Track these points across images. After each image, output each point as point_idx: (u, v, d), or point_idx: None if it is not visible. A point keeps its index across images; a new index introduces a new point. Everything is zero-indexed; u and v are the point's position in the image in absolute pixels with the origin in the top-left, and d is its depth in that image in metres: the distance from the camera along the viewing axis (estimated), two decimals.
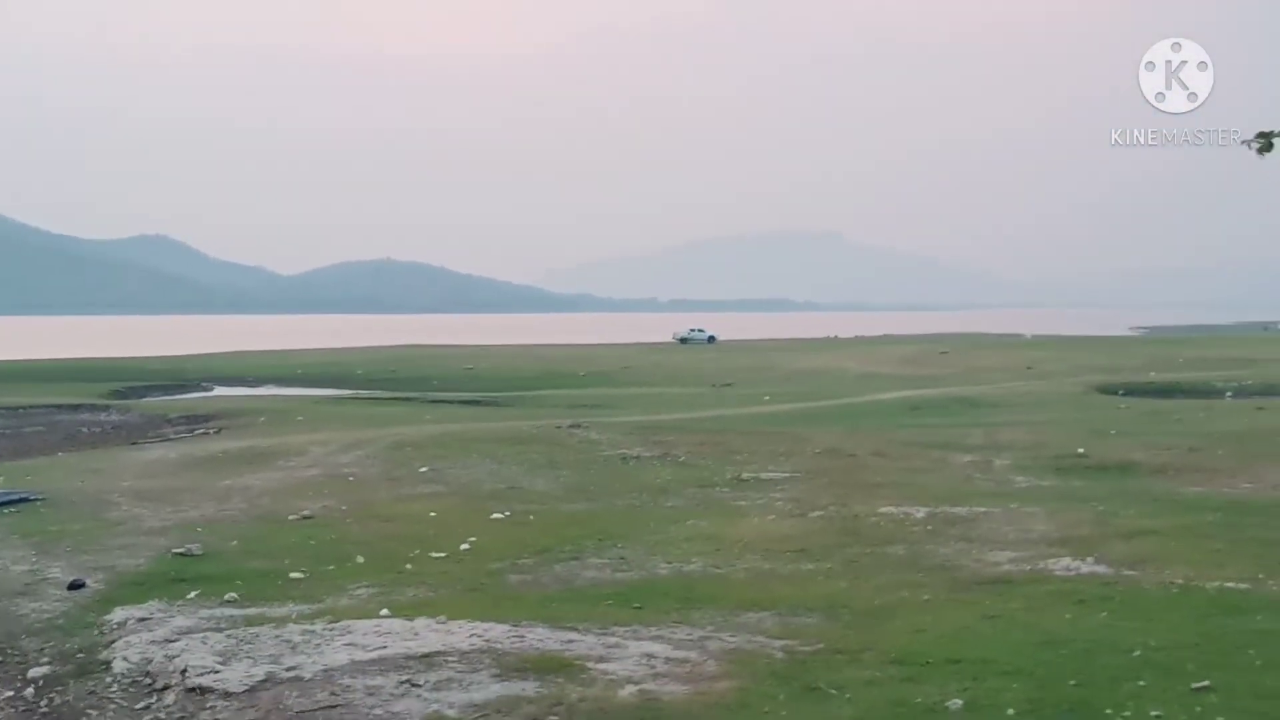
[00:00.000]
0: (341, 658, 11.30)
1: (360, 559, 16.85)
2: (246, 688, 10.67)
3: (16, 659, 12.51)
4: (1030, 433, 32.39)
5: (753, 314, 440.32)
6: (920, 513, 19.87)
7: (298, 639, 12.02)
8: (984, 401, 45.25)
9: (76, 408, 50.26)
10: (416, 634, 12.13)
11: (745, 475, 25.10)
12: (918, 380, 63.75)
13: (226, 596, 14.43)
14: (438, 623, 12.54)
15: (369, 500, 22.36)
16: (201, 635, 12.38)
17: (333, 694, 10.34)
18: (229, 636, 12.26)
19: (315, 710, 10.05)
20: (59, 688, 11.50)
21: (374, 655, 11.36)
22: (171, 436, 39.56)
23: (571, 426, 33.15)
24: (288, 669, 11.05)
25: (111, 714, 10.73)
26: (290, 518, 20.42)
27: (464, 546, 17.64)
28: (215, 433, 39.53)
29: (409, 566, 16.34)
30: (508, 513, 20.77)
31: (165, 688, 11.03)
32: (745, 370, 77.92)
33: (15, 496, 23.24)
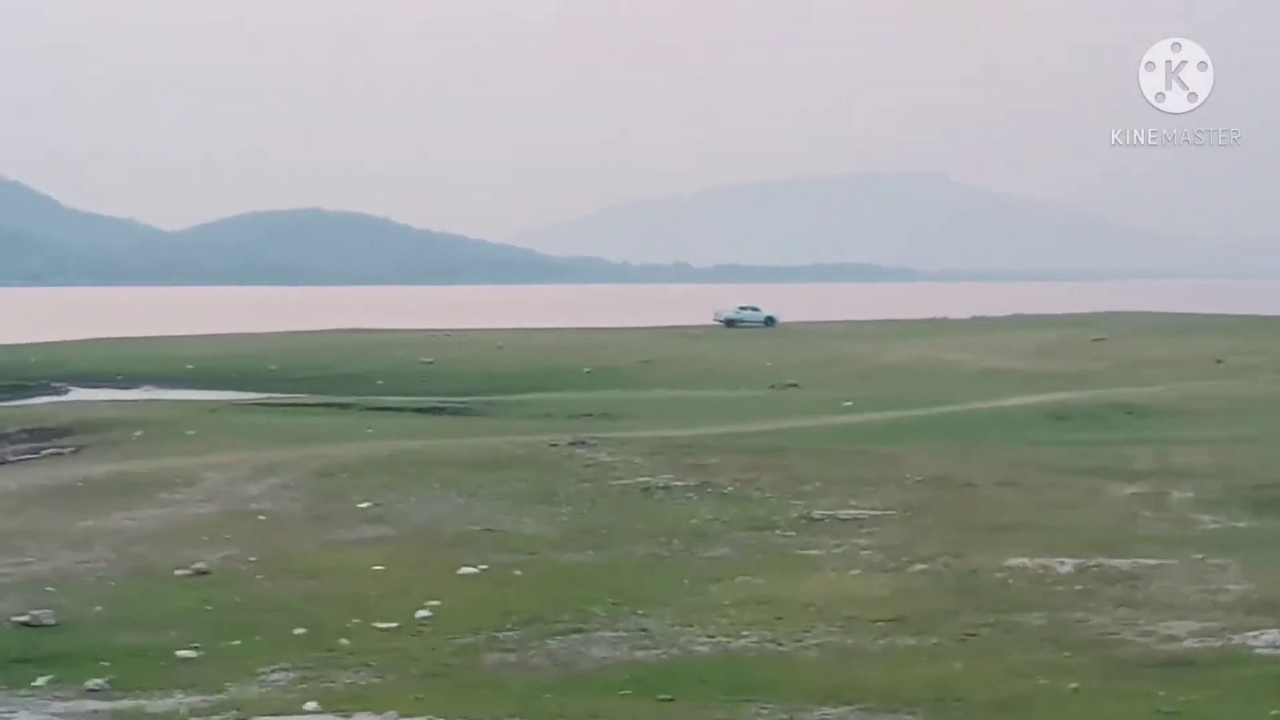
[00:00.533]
0: None
1: (276, 630, 16.78)
2: None
3: None
4: (1220, 454, 32.18)
5: (826, 284, 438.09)
6: (1065, 566, 19.80)
7: None
8: (1155, 409, 45.00)
9: None
10: None
11: (817, 513, 24.98)
12: (1061, 379, 63.27)
13: (89, 684, 14.40)
14: None
15: (287, 548, 22.30)
16: None
17: None
18: None
19: None
20: None
21: None
22: (10, 459, 39.38)
23: (573, 444, 33.07)
24: None
25: None
26: (178, 572, 20.36)
27: (421, 613, 17.61)
28: (72, 453, 39.35)
29: (344, 641, 16.32)
30: (483, 566, 20.71)
31: None
32: (816, 365, 77.59)
33: None
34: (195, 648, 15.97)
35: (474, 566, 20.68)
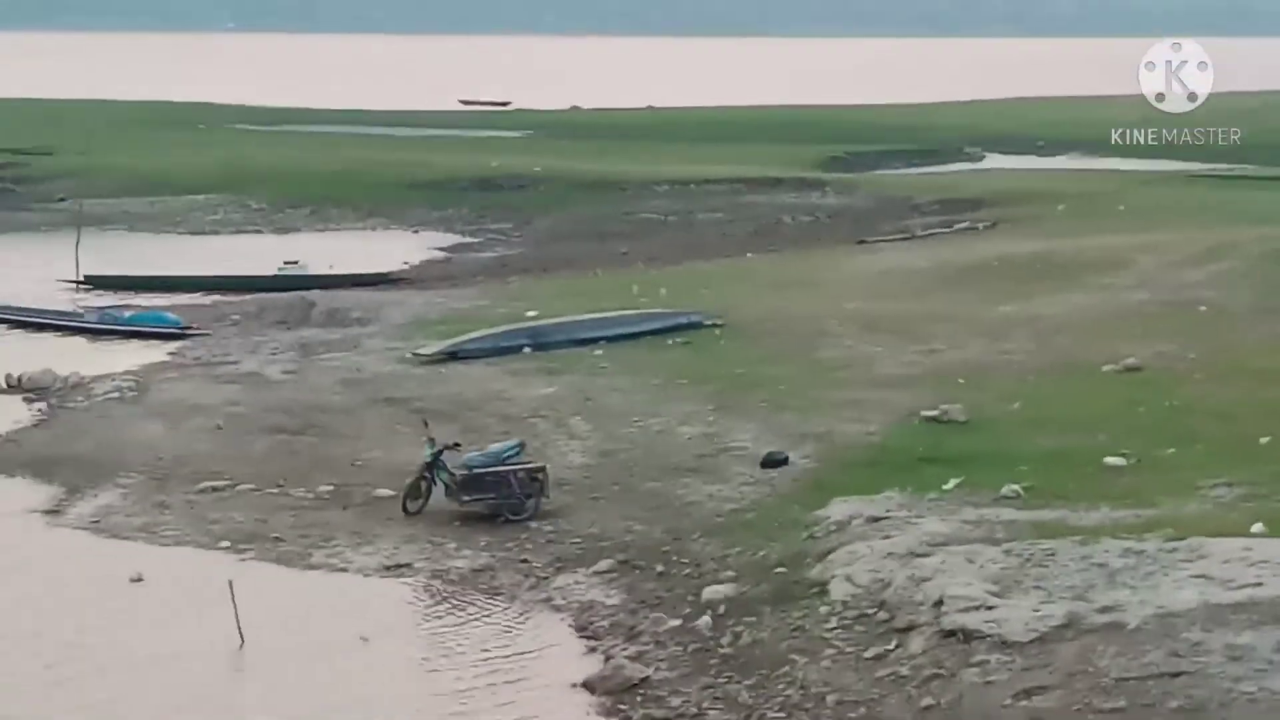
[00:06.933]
0: (1187, 597, 11.56)
1: (1219, 439, 17.13)
2: (1035, 635, 11.29)
3: (685, 571, 13.78)
4: None
5: None
6: None
7: (1116, 564, 12.39)
8: None
9: (775, 184, 53.32)
10: None
11: None
12: None
13: (1004, 490, 15.19)
14: None
15: (1233, 345, 22.59)
16: (966, 550, 13.08)
17: (1172, 655, 10.61)
18: (1008, 554, 12.89)
19: (1145, 679, 10.36)
20: (747, 618, 12.61)
21: (1239, 598, 11.46)
22: (919, 233, 41.99)
23: None
24: (1100, 610, 11.49)
25: (826, 663, 11.65)
26: (1105, 368, 21.12)
27: None
28: (987, 227, 41.56)
29: None
30: None
31: (909, 628, 11.86)
32: None
33: (682, 319, 25.36)
34: (1124, 455, 16.64)
35: None
